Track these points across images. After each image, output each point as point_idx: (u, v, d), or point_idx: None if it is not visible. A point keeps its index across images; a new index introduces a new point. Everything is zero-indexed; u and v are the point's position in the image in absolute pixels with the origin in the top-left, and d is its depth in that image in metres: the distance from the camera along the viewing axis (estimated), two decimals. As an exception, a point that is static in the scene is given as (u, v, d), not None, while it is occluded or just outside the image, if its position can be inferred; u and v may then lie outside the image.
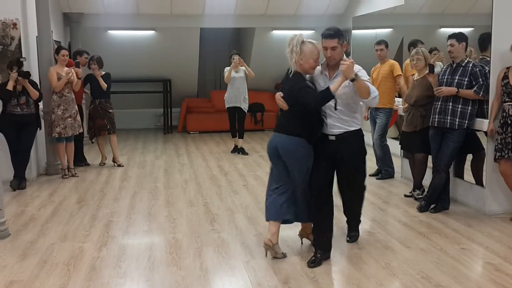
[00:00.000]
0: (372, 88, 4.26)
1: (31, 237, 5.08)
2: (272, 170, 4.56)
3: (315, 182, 4.40)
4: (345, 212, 4.92)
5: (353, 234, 4.94)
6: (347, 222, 4.98)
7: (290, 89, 4.34)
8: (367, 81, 4.28)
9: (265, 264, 4.34)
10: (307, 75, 4.42)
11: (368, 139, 9.11)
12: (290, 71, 4.36)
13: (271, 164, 4.56)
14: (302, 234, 4.78)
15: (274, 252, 4.42)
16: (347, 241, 4.87)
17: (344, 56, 4.36)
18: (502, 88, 5.33)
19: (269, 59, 12.24)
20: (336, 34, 4.34)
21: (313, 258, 4.35)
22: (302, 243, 4.79)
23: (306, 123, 4.33)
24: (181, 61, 12.02)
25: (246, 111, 9.52)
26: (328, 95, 4.17)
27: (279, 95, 4.43)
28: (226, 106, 9.47)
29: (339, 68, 4.21)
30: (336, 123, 4.39)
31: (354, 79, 4.11)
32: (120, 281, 4.06)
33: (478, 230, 5.17)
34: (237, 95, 9.30)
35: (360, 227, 5.28)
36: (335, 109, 4.34)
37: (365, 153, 4.61)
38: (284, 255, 4.47)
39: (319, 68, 4.47)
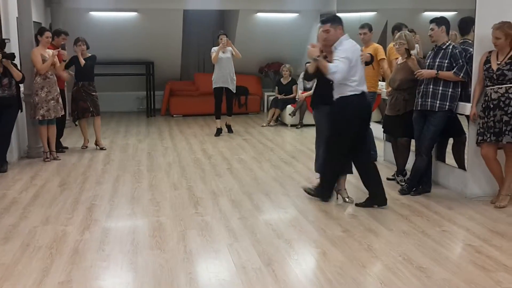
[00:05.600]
0: (330, 66, 5.04)
1: (13, 220, 5.03)
2: None
3: None
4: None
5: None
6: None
7: None
8: (337, 59, 5.07)
9: (249, 247, 4.36)
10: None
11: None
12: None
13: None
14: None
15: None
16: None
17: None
18: (484, 73, 5.37)
19: (254, 42, 12.20)
20: (328, 20, 5.26)
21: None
22: (337, 198, 5.65)
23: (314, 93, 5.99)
24: (164, 44, 11.91)
25: (234, 91, 9.68)
26: (307, 71, 5.61)
27: None
28: (214, 86, 9.55)
29: (335, 47, 5.21)
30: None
31: (316, 59, 5.14)
32: (103, 264, 4.05)
33: (459, 213, 5.24)
34: (224, 75, 9.46)
35: (343, 210, 5.34)
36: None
37: (341, 115, 5.27)
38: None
39: None
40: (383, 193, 5.42)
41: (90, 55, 8.28)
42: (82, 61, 8.12)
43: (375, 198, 5.40)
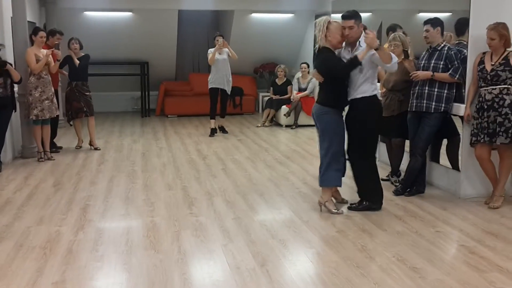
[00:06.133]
0: (393, 56, 4.99)
1: (7, 220, 5.02)
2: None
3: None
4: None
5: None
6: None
7: (322, 61, 5.09)
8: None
9: (243, 247, 4.36)
10: (336, 51, 5.12)
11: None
12: (317, 49, 5.11)
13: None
14: (320, 201, 5.31)
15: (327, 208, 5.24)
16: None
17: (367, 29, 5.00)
18: (478, 73, 5.39)
19: (249, 43, 12.20)
20: (352, 16, 4.97)
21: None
22: (321, 210, 5.29)
23: (332, 93, 5.10)
24: (159, 44, 11.90)
25: (229, 93, 9.77)
26: (355, 61, 4.89)
27: (315, 71, 5.15)
28: (209, 86, 9.58)
29: (359, 42, 4.99)
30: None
31: (378, 48, 4.82)
32: (97, 265, 4.04)
33: (453, 214, 5.26)
34: (221, 77, 9.53)
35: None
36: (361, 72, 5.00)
37: (366, 115, 5.09)
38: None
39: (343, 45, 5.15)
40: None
41: (83, 54, 8.26)
42: (77, 61, 8.10)
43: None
